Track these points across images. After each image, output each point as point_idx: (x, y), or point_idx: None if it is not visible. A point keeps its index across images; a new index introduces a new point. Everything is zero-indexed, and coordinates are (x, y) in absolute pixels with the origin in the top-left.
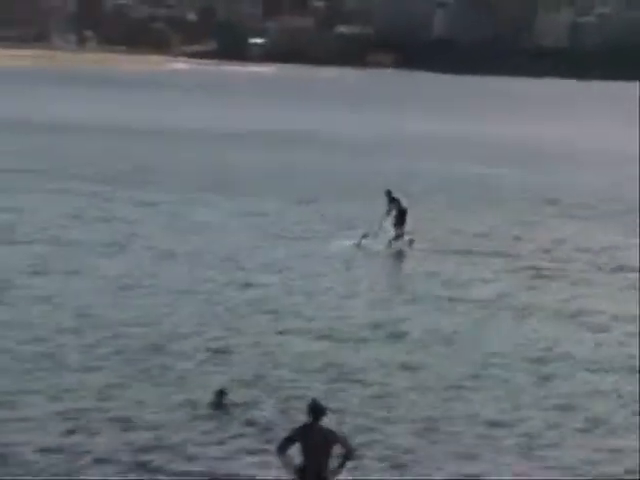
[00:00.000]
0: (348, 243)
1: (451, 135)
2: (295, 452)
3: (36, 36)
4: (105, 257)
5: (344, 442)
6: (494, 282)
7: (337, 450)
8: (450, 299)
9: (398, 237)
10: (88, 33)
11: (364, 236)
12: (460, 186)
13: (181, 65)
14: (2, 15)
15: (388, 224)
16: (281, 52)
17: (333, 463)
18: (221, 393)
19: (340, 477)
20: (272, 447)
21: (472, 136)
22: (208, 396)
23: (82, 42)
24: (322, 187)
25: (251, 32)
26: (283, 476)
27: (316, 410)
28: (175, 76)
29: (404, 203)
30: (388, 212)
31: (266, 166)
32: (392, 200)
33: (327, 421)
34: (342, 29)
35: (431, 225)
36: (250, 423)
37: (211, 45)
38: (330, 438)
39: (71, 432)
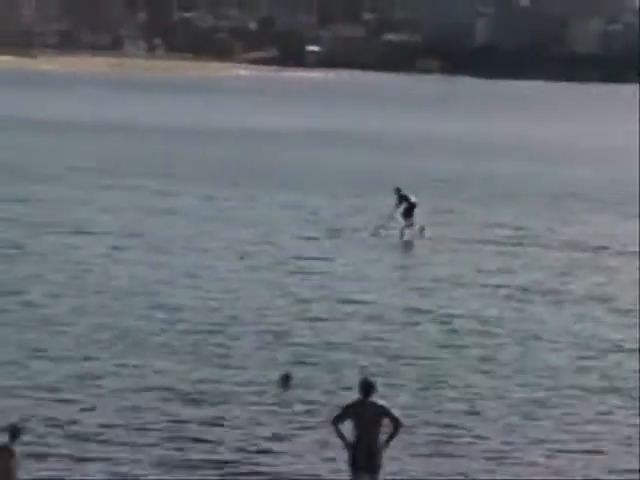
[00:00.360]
0: (367, 234)
1: (492, 134)
2: (348, 428)
3: (110, 44)
4: (175, 249)
5: (393, 416)
6: (521, 270)
7: (386, 424)
8: (481, 285)
9: (408, 227)
10: (157, 41)
11: (379, 227)
12: (494, 181)
13: (243, 71)
14: (81, 23)
15: (398, 216)
16: (335, 59)
17: (382, 437)
18: (287, 377)
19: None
20: (328, 423)
21: (512, 135)
22: (272, 375)
23: (152, 50)
24: (372, 182)
25: (307, 40)
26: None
27: (367, 387)
28: (238, 81)
29: (413, 198)
30: (397, 206)
31: (321, 163)
32: (401, 196)
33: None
34: (390, 37)
35: (459, 217)
36: (308, 402)
37: (271, 52)
38: (380, 412)
39: (138, 409)
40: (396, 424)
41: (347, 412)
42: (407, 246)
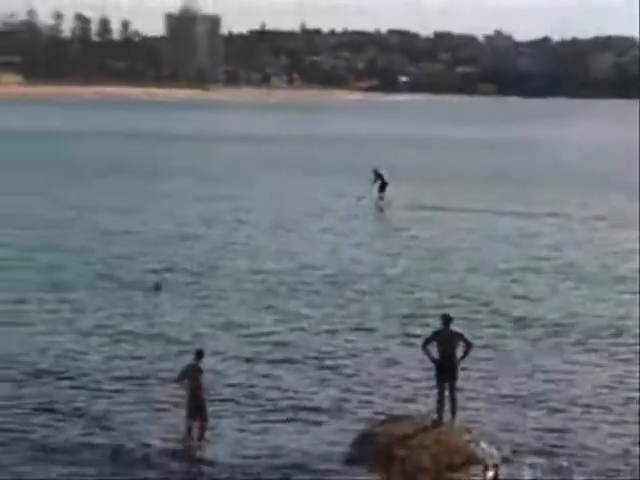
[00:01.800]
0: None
1: (534, 137)
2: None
3: (261, 79)
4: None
5: (467, 340)
6: (453, 233)
7: (461, 346)
8: (422, 239)
9: (381, 199)
10: (295, 77)
11: (360, 197)
12: (472, 169)
13: (356, 96)
14: (241, 65)
15: (375, 190)
16: (420, 86)
17: (458, 354)
18: (158, 285)
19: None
20: (420, 347)
21: (549, 137)
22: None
23: (291, 82)
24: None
25: (400, 73)
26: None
27: (446, 319)
28: (353, 103)
29: (386, 177)
30: (374, 182)
31: (407, 160)
32: (377, 175)
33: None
34: (459, 69)
35: (422, 194)
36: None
37: (374, 82)
38: (456, 337)
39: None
40: (468, 347)
41: (433, 337)
42: (378, 212)
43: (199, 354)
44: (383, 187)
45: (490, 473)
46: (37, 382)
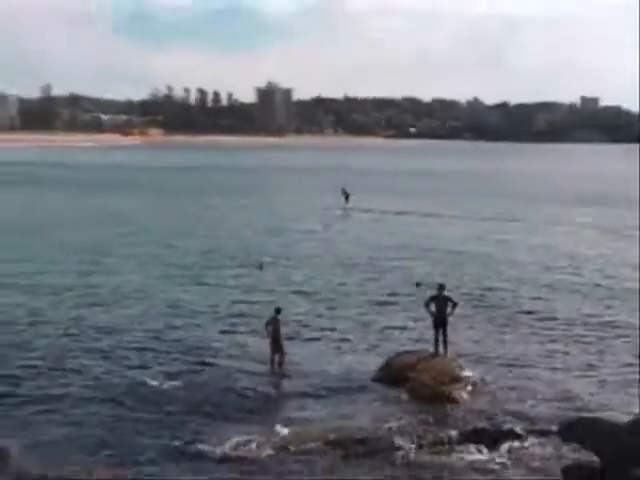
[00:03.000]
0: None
1: (494, 167)
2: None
3: (318, 130)
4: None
5: (452, 301)
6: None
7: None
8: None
9: (346, 206)
10: (339, 128)
11: (329, 207)
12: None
13: (380, 141)
14: (305, 121)
15: (343, 201)
16: (424, 135)
17: (448, 310)
18: (261, 264)
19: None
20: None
21: (503, 167)
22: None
23: (336, 132)
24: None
25: (410, 126)
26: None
27: (441, 287)
28: (377, 146)
29: (350, 193)
30: (342, 195)
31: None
32: (344, 191)
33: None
34: (451, 123)
35: (377, 202)
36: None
37: (393, 132)
38: (447, 299)
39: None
40: (454, 305)
41: (432, 299)
42: (344, 215)
43: (278, 310)
44: (347, 198)
45: (469, 387)
46: (191, 325)
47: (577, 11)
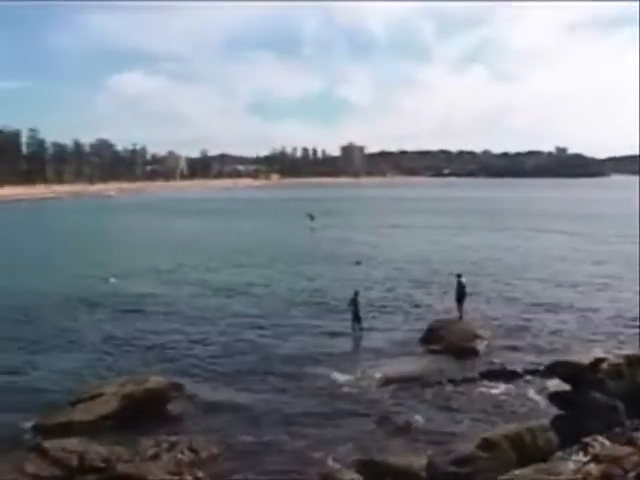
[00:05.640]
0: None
1: (490, 195)
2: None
3: (382, 173)
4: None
5: (464, 285)
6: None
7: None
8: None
9: (312, 225)
10: (396, 170)
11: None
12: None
13: (422, 179)
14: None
15: (310, 221)
16: (453, 174)
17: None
18: (312, 216)
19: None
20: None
21: (494, 195)
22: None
23: (395, 174)
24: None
25: (443, 168)
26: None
27: (459, 275)
28: (421, 182)
29: (316, 215)
30: (309, 217)
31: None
32: (309, 215)
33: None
34: (470, 166)
35: (340, 220)
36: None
37: (432, 172)
38: (463, 284)
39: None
40: (464, 287)
41: (457, 281)
42: (312, 231)
43: (356, 293)
44: (312, 219)
45: (485, 342)
46: (278, 304)
47: (559, 92)
